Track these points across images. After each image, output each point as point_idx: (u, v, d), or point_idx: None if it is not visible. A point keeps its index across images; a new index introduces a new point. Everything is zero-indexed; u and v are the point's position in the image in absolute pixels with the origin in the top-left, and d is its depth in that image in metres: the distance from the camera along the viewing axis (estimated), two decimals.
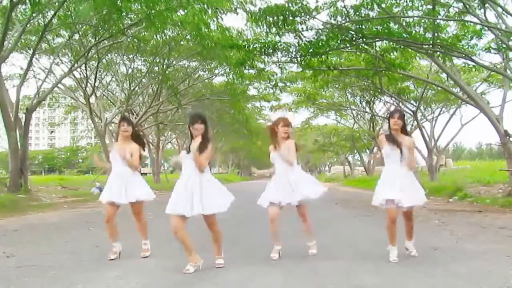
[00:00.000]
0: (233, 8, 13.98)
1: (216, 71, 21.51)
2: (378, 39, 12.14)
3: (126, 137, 4.87)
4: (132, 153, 4.80)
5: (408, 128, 24.50)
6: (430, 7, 10.94)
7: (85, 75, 17.84)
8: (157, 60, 18.55)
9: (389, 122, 4.60)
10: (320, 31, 11.72)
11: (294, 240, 5.32)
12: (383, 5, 11.11)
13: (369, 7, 10.93)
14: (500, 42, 11.35)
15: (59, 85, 18.67)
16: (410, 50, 13.34)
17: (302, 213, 4.88)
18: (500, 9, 10.76)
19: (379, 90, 18.62)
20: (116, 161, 4.85)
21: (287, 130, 4.90)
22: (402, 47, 12.42)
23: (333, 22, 11.30)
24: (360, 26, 11.34)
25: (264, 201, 4.88)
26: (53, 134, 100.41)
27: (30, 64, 14.43)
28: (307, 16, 11.29)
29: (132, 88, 20.05)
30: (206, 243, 4.55)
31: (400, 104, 20.90)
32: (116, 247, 4.83)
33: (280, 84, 19.85)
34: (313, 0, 10.92)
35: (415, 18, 11.73)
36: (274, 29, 11.53)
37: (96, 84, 18.81)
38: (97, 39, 14.77)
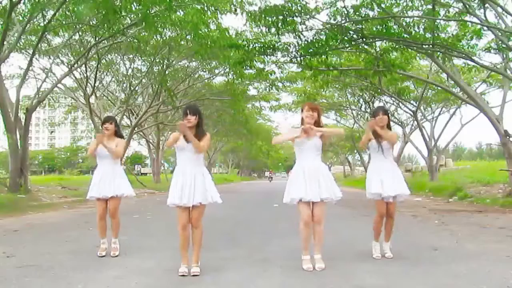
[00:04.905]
0: (233, 9, 13.95)
1: (216, 71, 21.50)
2: (378, 39, 12.15)
3: (110, 134, 5.04)
4: (118, 144, 5.02)
5: (408, 128, 24.86)
6: (430, 7, 10.94)
7: (85, 75, 17.82)
8: (157, 60, 18.54)
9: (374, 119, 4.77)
10: (320, 31, 11.72)
11: (293, 239, 5.31)
12: (383, 5, 11.11)
13: (369, 7, 10.94)
14: (500, 42, 11.36)
15: (59, 85, 18.63)
16: (410, 50, 13.34)
17: (320, 214, 4.19)
18: (500, 9, 10.76)
19: (378, 90, 18.63)
20: (103, 157, 4.97)
21: (311, 115, 4.15)
22: (402, 47, 12.42)
23: (333, 22, 11.30)
24: (360, 26, 11.34)
25: (292, 198, 4.18)
26: (53, 134, 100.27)
27: (30, 64, 14.41)
28: (307, 16, 11.29)
29: (132, 88, 20.04)
30: (208, 242, 4.54)
31: (400, 104, 20.90)
32: (105, 244, 4.96)
33: (279, 84, 19.85)
34: (313, 0, 10.94)
35: (415, 18, 11.73)
36: (273, 29, 11.52)
37: (96, 84, 18.79)
38: (97, 39, 14.76)
